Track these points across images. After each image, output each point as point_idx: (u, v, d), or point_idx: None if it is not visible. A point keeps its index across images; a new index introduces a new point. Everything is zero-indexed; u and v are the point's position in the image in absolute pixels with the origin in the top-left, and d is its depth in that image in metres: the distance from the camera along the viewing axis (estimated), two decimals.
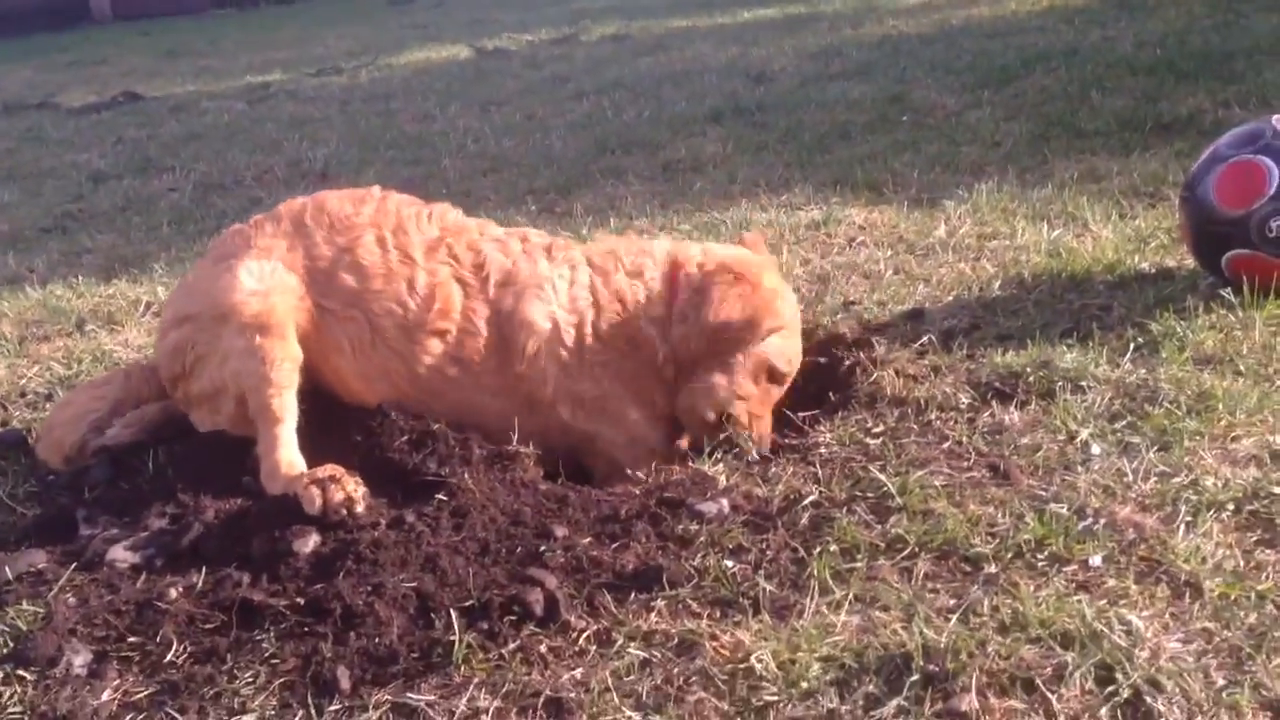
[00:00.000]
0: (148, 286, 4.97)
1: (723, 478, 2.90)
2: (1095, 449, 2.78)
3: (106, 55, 17.67)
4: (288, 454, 2.98)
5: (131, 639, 2.46)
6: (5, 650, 2.47)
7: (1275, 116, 3.53)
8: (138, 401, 3.32)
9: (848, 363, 3.36)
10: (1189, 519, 2.46)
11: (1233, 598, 2.22)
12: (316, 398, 3.14)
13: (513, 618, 2.38)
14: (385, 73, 11.76)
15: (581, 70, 10.25)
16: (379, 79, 11.36)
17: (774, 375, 3.11)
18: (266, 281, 2.99)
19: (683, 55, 10.38)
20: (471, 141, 7.59)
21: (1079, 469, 2.71)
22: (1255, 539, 2.40)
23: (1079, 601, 2.24)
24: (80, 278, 5.19)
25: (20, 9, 27.58)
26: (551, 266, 3.13)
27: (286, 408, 3.00)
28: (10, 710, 2.29)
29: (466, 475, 2.86)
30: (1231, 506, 2.50)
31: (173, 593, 2.58)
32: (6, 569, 2.73)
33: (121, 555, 2.76)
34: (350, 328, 3.06)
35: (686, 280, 3.12)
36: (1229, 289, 3.46)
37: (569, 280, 3.11)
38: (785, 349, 3.11)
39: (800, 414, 3.15)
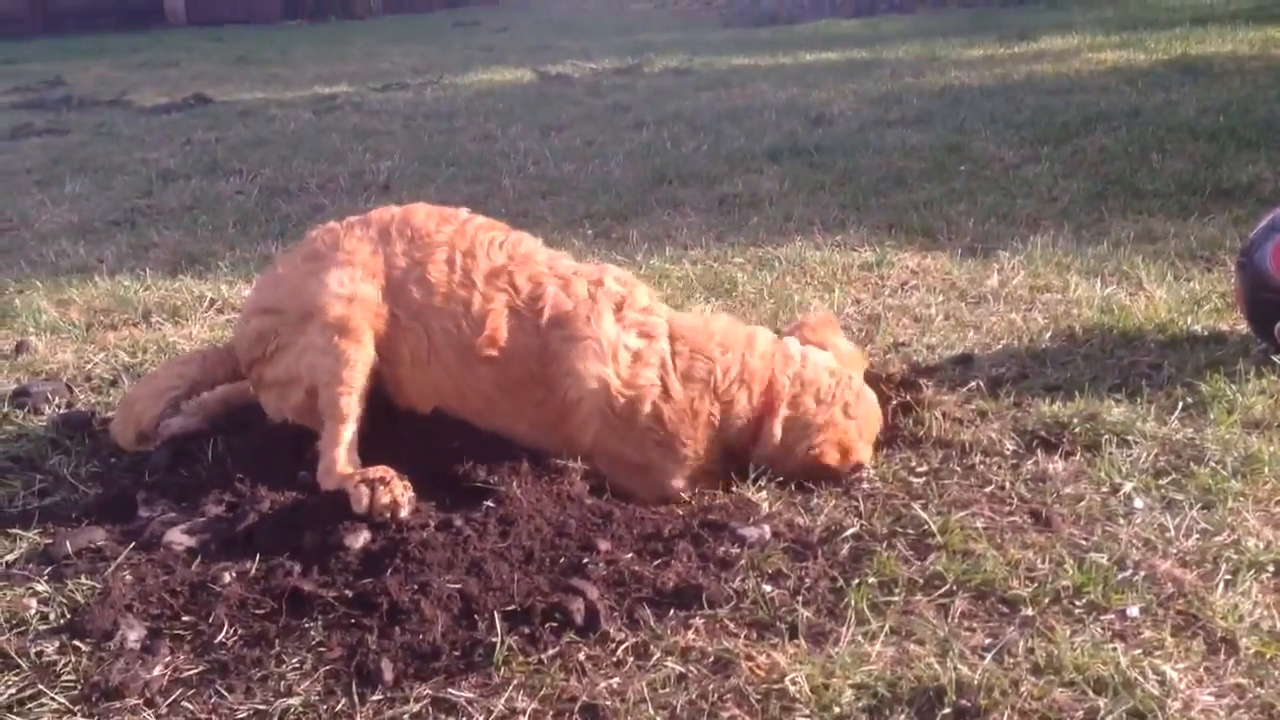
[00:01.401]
0: (212, 283, 5.09)
1: (765, 504, 2.95)
2: (1138, 503, 2.81)
3: (178, 58, 18.06)
4: (345, 453, 3.06)
5: (185, 618, 2.54)
6: (62, 621, 2.56)
7: None
8: (213, 383, 3.44)
9: (894, 402, 3.40)
10: (1229, 577, 2.48)
11: (1268, 656, 2.24)
12: (375, 400, 3.23)
13: (554, 625, 2.44)
14: (449, 91, 11.95)
15: (643, 100, 10.37)
16: (443, 97, 11.54)
17: None
18: (350, 287, 3.09)
19: (743, 92, 10.48)
20: (532, 164, 7.70)
21: (1121, 521, 2.73)
22: None
23: (1114, 649, 2.26)
24: (147, 271, 5.33)
25: (95, 8, 28.26)
26: (619, 329, 3.07)
27: (353, 407, 3.09)
28: (64, 678, 2.37)
29: (515, 485, 2.93)
30: (1272, 568, 2.52)
31: (226, 577, 2.66)
32: (67, 544, 2.83)
33: (178, 538, 2.85)
34: (411, 339, 3.14)
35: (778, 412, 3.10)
36: None
37: (636, 355, 3.06)
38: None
39: None
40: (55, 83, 14.13)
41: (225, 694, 2.30)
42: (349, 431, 3.08)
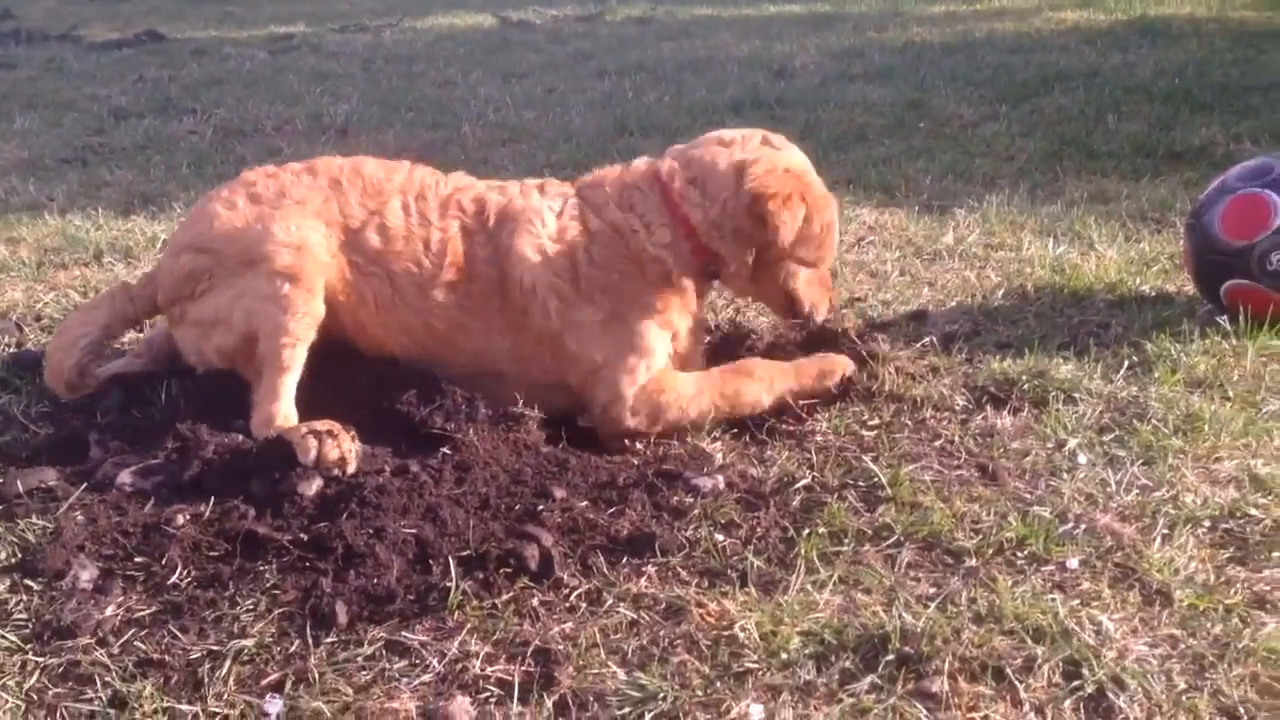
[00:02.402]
0: (165, 224, 5.03)
1: (719, 455, 2.99)
2: (1082, 458, 2.87)
3: None
4: (285, 406, 3.07)
5: (137, 559, 2.55)
6: (13, 560, 2.56)
7: None
8: (126, 322, 3.43)
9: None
10: (1166, 531, 2.55)
11: (1201, 609, 2.31)
12: (327, 348, 3.23)
13: (508, 570, 2.47)
14: (409, 35, 11.78)
15: (604, 49, 10.29)
16: (402, 40, 11.39)
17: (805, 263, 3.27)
18: (299, 236, 3.08)
19: (706, 43, 10.42)
20: (492, 111, 7.64)
21: (1064, 476, 2.79)
22: (1227, 556, 2.49)
23: (1053, 600, 2.32)
24: (99, 210, 5.26)
25: None
26: (543, 199, 3.24)
27: (295, 359, 3.09)
28: (16, 617, 2.38)
29: (472, 432, 2.95)
30: (1208, 523, 2.59)
31: (180, 519, 2.66)
32: (18, 482, 2.82)
33: (130, 480, 2.84)
34: (374, 283, 3.18)
35: (694, 199, 3.18)
36: (1225, 317, 3.54)
37: (557, 211, 3.21)
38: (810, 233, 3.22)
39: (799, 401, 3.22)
40: (3, 16, 13.77)
41: (179, 634, 2.31)
42: (290, 383, 3.09)
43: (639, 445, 3.10)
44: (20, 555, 2.57)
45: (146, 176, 6.07)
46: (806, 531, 2.58)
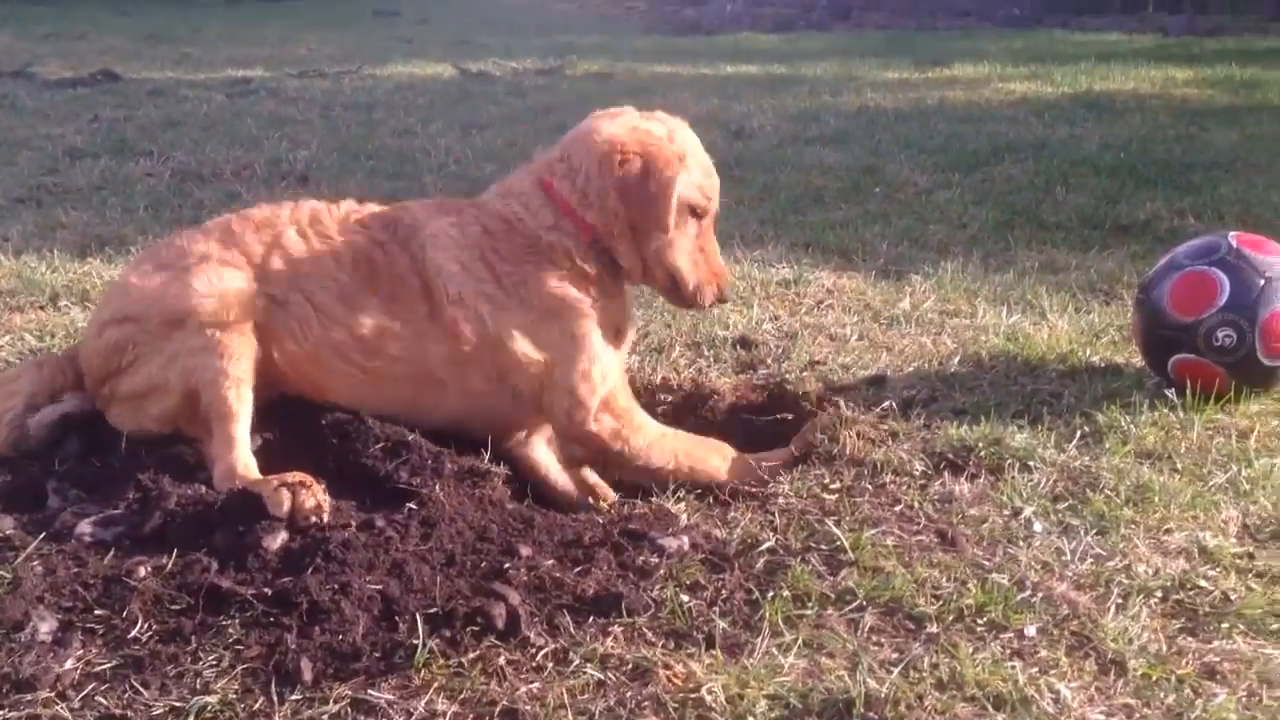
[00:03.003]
0: (122, 268, 4.99)
1: (684, 516, 3.02)
2: (1037, 526, 2.93)
3: (85, 31, 17.58)
4: (244, 455, 3.06)
5: (98, 611, 2.52)
6: None
7: (1232, 233, 3.75)
8: (53, 394, 3.33)
9: (810, 420, 3.50)
10: (1120, 601, 2.61)
11: (1154, 678, 2.36)
12: (287, 405, 3.24)
13: (475, 628, 2.47)
14: (368, 82, 11.84)
15: (564, 103, 10.38)
16: (361, 88, 11.43)
17: (695, 212, 3.28)
18: (218, 284, 3.12)
19: (664, 101, 10.41)
20: (453, 162, 7.69)
21: (1021, 543, 2.85)
22: (1179, 626, 2.55)
23: (1013, 667, 2.37)
24: (55, 252, 5.21)
25: None
26: (440, 215, 3.32)
27: (243, 401, 3.08)
28: None
29: (438, 488, 2.95)
30: (1160, 594, 2.65)
31: (141, 571, 2.63)
32: None
33: (90, 530, 2.81)
34: (295, 310, 3.20)
35: (562, 172, 3.26)
36: (1173, 390, 3.65)
37: (459, 224, 3.28)
38: (694, 181, 3.27)
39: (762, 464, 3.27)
40: None
41: (140, 689, 2.29)
42: (242, 429, 3.09)
43: (603, 505, 3.13)
44: None
45: (103, 218, 6.04)
46: (771, 594, 2.61)
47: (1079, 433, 3.43)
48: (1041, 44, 15.48)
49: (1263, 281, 3.57)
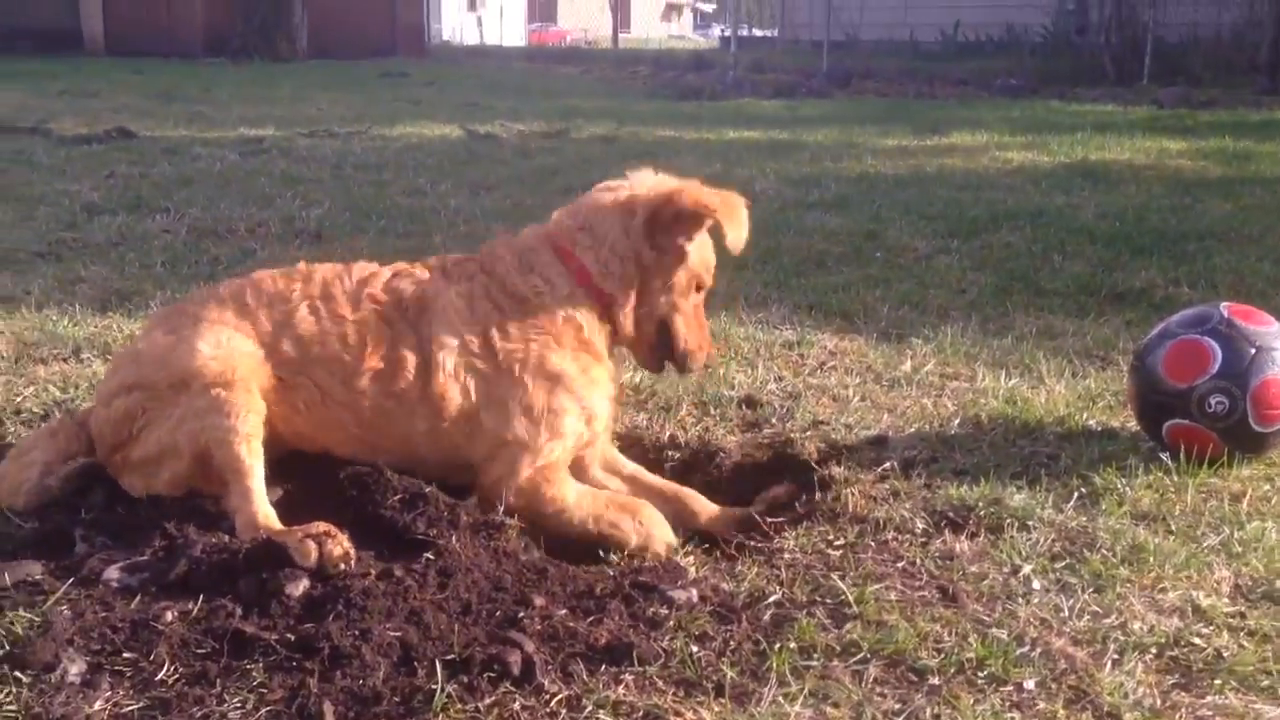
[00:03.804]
0: (142, 321, 5.10)
1: (693, 569, 3.11)
2: (1036, 584, 3.02)
3: (99, 89, 17.91)
4: (263, 506, 3.14)
5: (125, 655, 2.59)
6: (2, 652, 2.59)
7: (1224, 303, 3.88)
8: (67, 459, 3.40)
9: (815, 478, 3.60)
10: (1116, 657, 2.69)
11: None
12: (305, 458, 3.35)
13: (491, 675, 2.54)
14: (378, 143, 12.07)
15: (570, 166, 10.60)
16: (371, 148, 11.65)
17: (698, 285, 3.47)
18: (225, 347, 3.20)
19: (668, 165, 10.69)
20: (463, 222, 7.85)
21: (1020, 600, 2.94)
22: (1173, 682, 2.63)
23: (1013, 719, 2.45)
24: (76, 305, 5.33)
25: (12, 31, 27.83)
26: (449, 284, 3.37)
27: (255, 455, 3.16)
28: (6, 709, 2.41)
29: (454, 539, 3.04)
30: (1154, 650, 2.73)
31: (168, 615, 2.71)
32: (5, 575, 2.86)
33: (117, 576, 2.90)
34: (301, 392, 3.30)
35: (585, 243, 3.36)
36: (1167, 454, 3.75)
37: (466, 294, 3.34)
38: (703, 254, 3.44)
39: (768, 520, 3.37)
40: None
41: None
42: (258, 482, 3.16)
43: (614, 557, 3.21)
44: (8, 647, 2.60)
45: (121, 274, 6.17)
46: (778, 645, 2.69)
47: (1076, 494, 3.53)
48: (1038, 114, 15.78)
49: (1254, 350, 3.69)
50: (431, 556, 2.97)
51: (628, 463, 3.67)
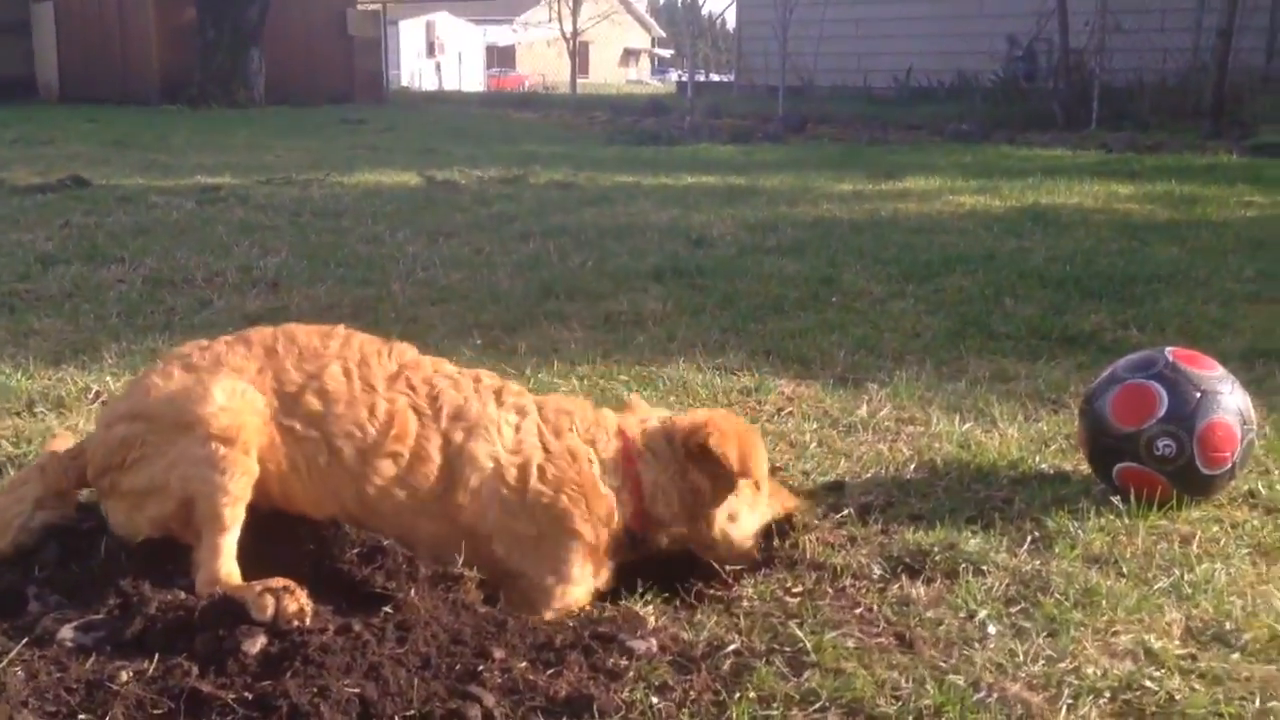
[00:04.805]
0: (97, 375, 5.08)
1: (652, 618, 3.12)
2: (991, 629, 3.06)
3: (52, 136, 17.81)
4: (229, 564, 3.11)
5: (81, 716, 2.56)
6: None
7: (1169, 348, 3.96)
8: (59, 495, 3.38)
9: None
10: (1070, 701, 2.73)
11: None
12: (262, 512, 3.32)
13: None
14: (336, 190, 12.06)
15: (528, 212, 10.66)
16: (329, 195, 11.65)
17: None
18: (238, 400, 3.16)
19: (626, 210, 10.86)
20: (420, 269, 7.85)
21: (976, 645, 2.97)
22: None
23: None
24: (29, 359, 5.28)
25: None
26: (500, 411, 3.32)
27: (235, 518, 3.14)
28: None
29: (413, 592, 3.03)
30: (1108, 694, 2.77)
31: (123, 675, 2.68)
32: None
33: (71, 635, 2.87)
34: (308, 447, 3.24)
35: (639, 453, 3.35)
36: (1118, 497, 3.82)
37: (515, 426, 3.30)
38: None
39: (725, 567, 3.39)
40: None
41: None
42: (231, 542, 3.13)
43: (581, 585, 3.22)
44: None
45: (76, 325, 6.12)
46: (737, 695, 2.71)
47: (1029, 537, 3.58)
48: (989, 158, 16.05)
49: (1199, 394, 3.78)
50: (390, 610, 2.96)
51: None
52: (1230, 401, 3.81)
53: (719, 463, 3.29)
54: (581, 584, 3.27)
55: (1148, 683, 2.80)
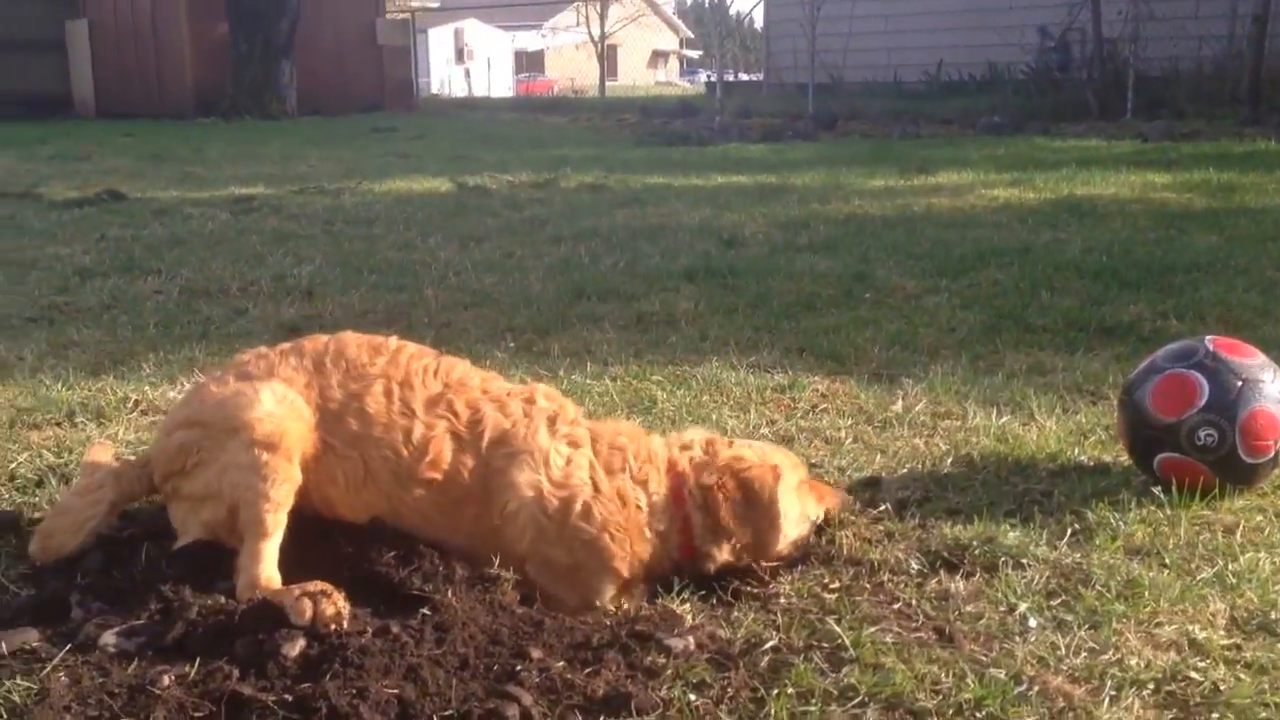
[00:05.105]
0: (136, 385, 5.13)
1: (689, 617, 3.11)
2: (1032, 622, 3.03)
3: (89, 152, 18.01)
4: (269, 569, 3.14)
5: None
6: None
7: (1209, 337, 3.91)
8: (129, 500, 3.46)
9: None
10: (1113, 693, 2.69)
11: None
12: (301, 515, 3.35)
13: None
14: (368, 198, 12.13)
15: (560, 215, 10.68)
16: (361, 203, 11.72)
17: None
18: (284, 407, 3.20)
19: (658, 211, 10.85)
20: (453, 274, 7.88)
21: (1017, 639, 2.94)
22: (1171, 716, 2.63)
23: None
24: (69, 370, 5.35)
25: (1, 96, 28.00)
26: (551, 440, 3.28)
27: (278, 524, 3.17)
28: None
29: (450, 593, 3.04)
30: (1151, 686, 2.74)
31: (165, 679, 2.71)
32: (3, 644, 2.86)
33: (113, 641, 2.90)
34: (347, 465, 3.28)
35: (690, 496, 3.31)
36: (1159, 487, 3.77)
37: (567, 458, 3.25)
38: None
39: (762, 564, 3.37)
40: None
41: None
42: (272, 548, 3.16)
43: (610, 607, 3.21)
44: (7, 717, 2.60)
45: (114, 336, 6.19)
46: (775, 692, 2.69)
47: (1070, 530, 3.54)
48: (1022, 150, 15.91)
49: (1240, 383, 3.72)
50: (428, 612, 2.97)
51: None
52: (1272, 390, 3.75)
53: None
54: (614, 592, 3.26)
55: (1192, 674, 2.77)
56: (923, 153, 15.89)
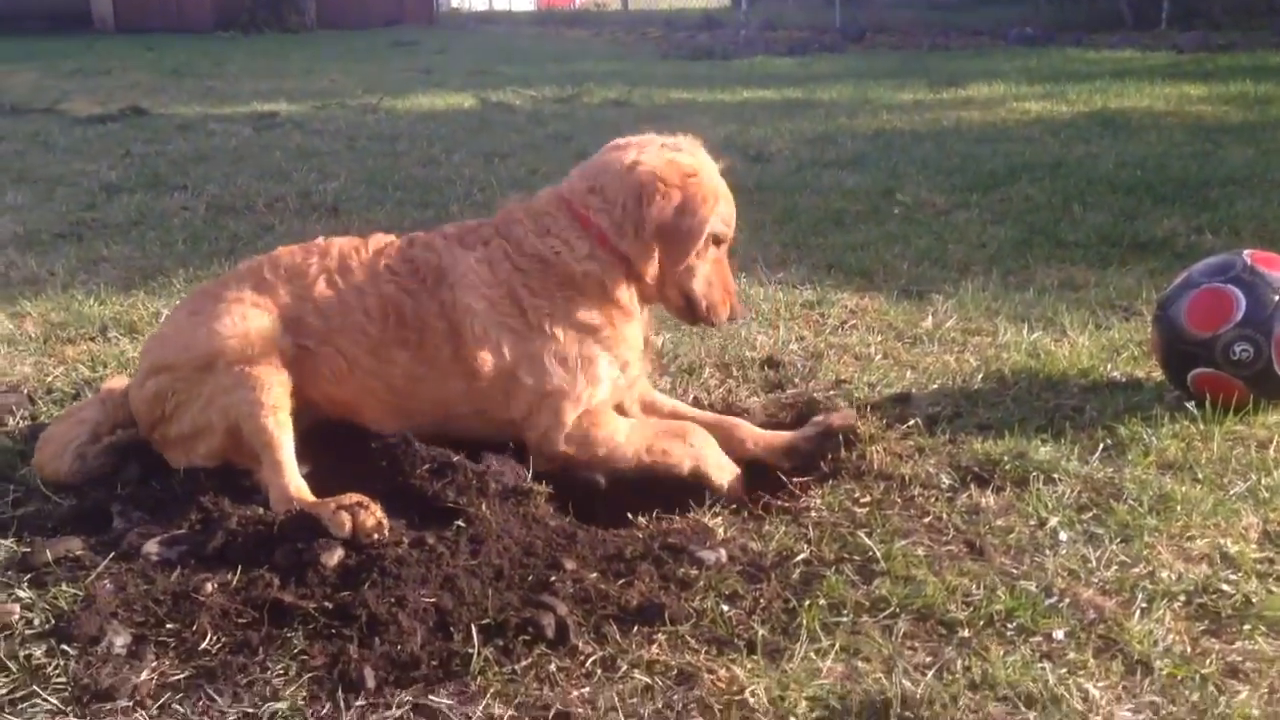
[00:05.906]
0: (166, 300, 5.16)
1: (721, 530, 3.13)
2: (1063, 535, 3.04)
3: (110, 67, 17.93)
4: (294, 478, 3.19)
5: (168, 626, 2.65)
6: (48, 626, 2.65)
7: (1246, 251, 3.86)
8: (114, 426, 3.49)
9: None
10: (1144, 605, 2.71)
11: (1179, 678, 2.46)
12: (334, 431, 3.39)
13: (526, 638, 2.59)
14: (391, 114, 12.05)
15: (584, 130, 10.58)
16: (385, 119, 11.65)
17: (718, 240, 3.45)
18: (243, 324, 3.26)
19: (682, 126, 10.57)
20: (478, 190, 7.85)
21: (1047, 552, 2.96)
22: (1202, 628, 2.65)
23: (1043, 669, 2.47)
24: (100, 285, 5.38)
25: (20, 11, 27.86)
26: (466, 252, 3.40)
27: (281, 426, 3.22)
28: (55, 681, 2.47)
29: (484, 506, 3.08)
30: (1183, 598, 2.75)
31: (208, 587, 2.77)
32: (46, 551, 2.92)
33: (156, 549, 2.95)
34: (327, 361, 3.36)
35: (597, 205, 3.36)
36: (1192, 403, 3.75)
37: (485, 259, 3.37)
38: (721, 214, 3.42)
39: (794, 479, 3.39)
40: None
41: (214, 697, 2.41)
42: (288, 454, 3.22)
43: (641, 519, 3.24)
44: (54, 621, 2.66)
45: (143, 252, 6.21)
46: (807, 603, 2.72)
47: (1102, 445, 3.54)
48: (1055, 62, 15.62)
49: (1277, 297, 3.68)
50: (462, 524, 3.01)
51: (666, 400, 3.76)
52: None
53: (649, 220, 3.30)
54: (606, 382, 3.38)
55: (1224, 586, 2.78)
56: (952, 65, 15.63)
